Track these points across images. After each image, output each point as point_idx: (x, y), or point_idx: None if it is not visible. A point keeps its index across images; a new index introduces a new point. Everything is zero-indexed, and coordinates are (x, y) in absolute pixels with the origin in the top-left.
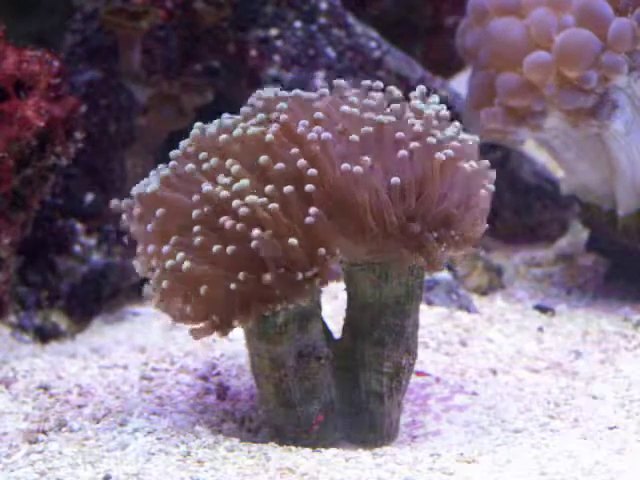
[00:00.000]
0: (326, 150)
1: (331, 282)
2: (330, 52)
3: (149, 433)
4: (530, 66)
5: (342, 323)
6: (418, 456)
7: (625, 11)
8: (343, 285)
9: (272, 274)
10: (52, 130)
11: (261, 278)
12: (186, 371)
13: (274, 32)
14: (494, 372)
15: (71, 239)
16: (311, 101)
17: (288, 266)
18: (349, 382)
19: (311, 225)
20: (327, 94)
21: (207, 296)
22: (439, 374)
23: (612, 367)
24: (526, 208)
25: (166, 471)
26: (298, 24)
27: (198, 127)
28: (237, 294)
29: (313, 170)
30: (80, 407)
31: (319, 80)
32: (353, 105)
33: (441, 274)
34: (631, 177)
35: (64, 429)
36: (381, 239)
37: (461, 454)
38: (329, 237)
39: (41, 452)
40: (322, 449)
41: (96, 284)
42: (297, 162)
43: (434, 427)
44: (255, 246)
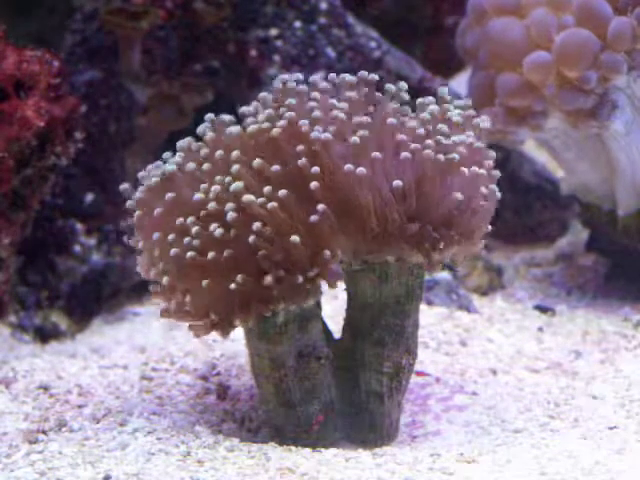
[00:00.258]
0: (327, 150)
1: (333, 283)
2: (330, 52)
3: (149, 433)
4: (530, 66)
5: (342, 323)
6: (418, 456)
7: (625, 10)
8: (343, 285)
9: (272, 276)
10: (52, 130)
11: (261, 278)
12: (186, 371)
13: (274, 32)
14: (494, 372)
15: (71, 239)
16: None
17: (288, 267)
18: (349, 382)
19: (314, 224)
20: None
21: (208, 292)
22: (439, 374)
23: (612, 367)
24: (526, 208)
25: (166, 471)
26: (298, 24)
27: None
28: (237, 293)
29: (316, 168)
30: (80, 407)
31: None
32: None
33: (441, 274)
34: (631, 177)
35: (64, 429)
36: (382, 239)
37: (461, 454)
38: (331, 236)
39: (41, 452)
40: (322, 449)
41: (96, 284)
42: (299, 161)
43: (434, 427)
44: (253, 241)
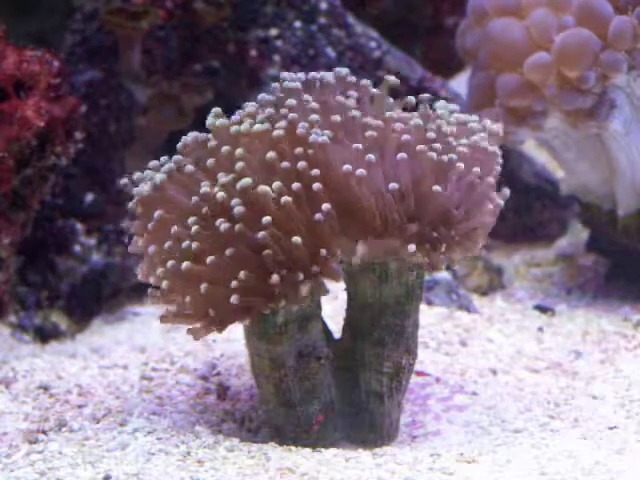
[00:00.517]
0: (325, 152)
1: (337, 277)
2: (330, 52)
3: (149, 433)
4: (530, 66)
5: (342, 323)
6: (418, 456)
7: (625, 9)
8: (343, 285)
9: (276, 274)
10: (52, 130)
11: (262, 276)
12: (186, 371)
13: (274, 32)
14: (494, 372)
15: (71, 239)
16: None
17: (290, 266)
18: (349, 382)
19: (316, 224)
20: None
21: (207, 294)
22: (439, 374)
23: (612, 367)
24: (526, 208)
25: (166, 471)
26: (298, 24)
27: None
28: (238, 291)
29: (316, 170)
30: (80, 407)
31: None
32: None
33: (441, 274)
34: (631, 177)
35: (64, 429)
36: (382, 239)
37: (461, 454)
38: (331, 237)
39: (41, 452)
40: (322, 449)
41: (96, 284)
42: (298, 163)
43: (434, 427)
44: (262, 238)
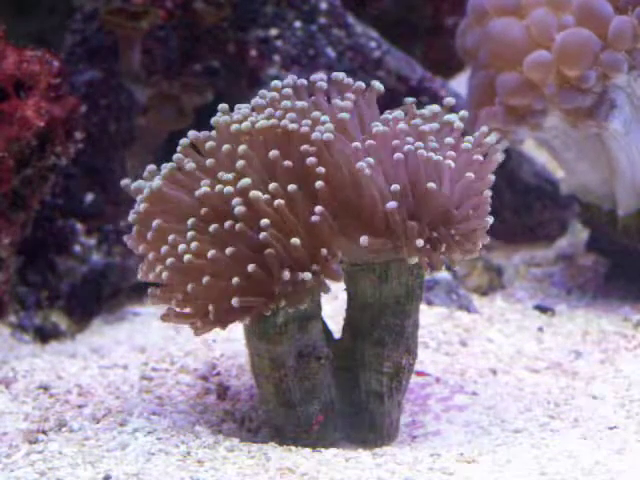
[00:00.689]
0: (329, 150)
1: (337, 277)
2: (330, 52)
3: (149, 433)
4: (530, 65)
5: (342, 323)
6: (418, 456)
7: (625, 9)
8: (343, 285)
9: (277, 275)
10: (52, 130)
11: (262, 277)
12: (186, 371)
13: (274, 32)
14: (494, 372)
15: (71, 239)
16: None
17: (290, 266)
18: (349, 382)
19: (314, 224)
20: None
21: (208, 287)
22: (439, 374)
23: (612, 367)
24: (526, 208)
25: (166, 471)
26: (298, 24)
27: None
28: (238, 290)
29: (321, 168)
30: (80, 407)
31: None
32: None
33: (441, 274)
34: (631, 177)
35: (64, 429)
36: (383, 239)
37: (461, 454)
38: (331, 237)
39: (41, 452)
40: (322, 449)
41: (96, 284)
42: (307, 159)
43: (434, 427)
44: (264, 238)
